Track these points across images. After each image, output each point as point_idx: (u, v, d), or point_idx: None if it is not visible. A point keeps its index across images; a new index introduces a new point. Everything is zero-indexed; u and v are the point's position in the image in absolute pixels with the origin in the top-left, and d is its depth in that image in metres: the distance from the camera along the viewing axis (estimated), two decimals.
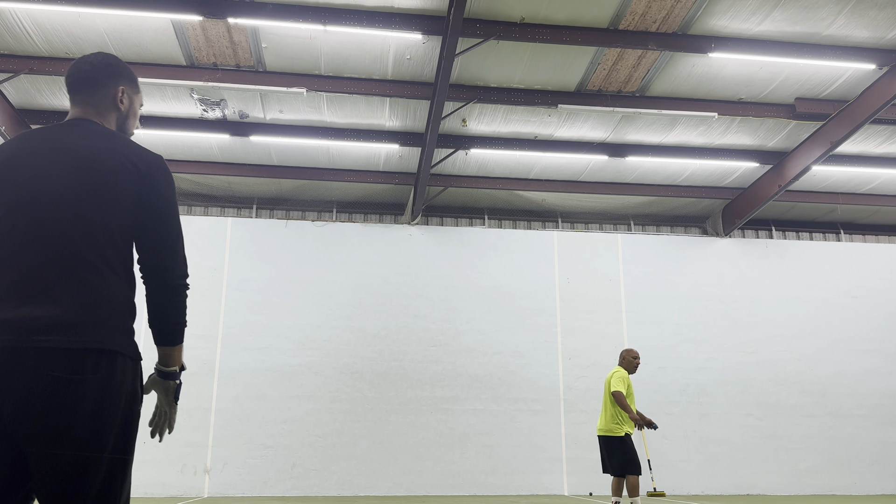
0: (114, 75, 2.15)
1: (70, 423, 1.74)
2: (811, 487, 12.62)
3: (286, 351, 12.13)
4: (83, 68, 2.12)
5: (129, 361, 1.89)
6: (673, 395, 12.76)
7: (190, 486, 11.34)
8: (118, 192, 1.92)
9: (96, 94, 2.12)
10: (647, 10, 8.65)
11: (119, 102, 2.15)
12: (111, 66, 2.15)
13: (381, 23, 8.60)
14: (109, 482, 1.81)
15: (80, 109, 2.11)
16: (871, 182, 13.03)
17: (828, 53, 9.29)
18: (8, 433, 1.74)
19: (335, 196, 13.20)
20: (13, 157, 1.96)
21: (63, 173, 1.91)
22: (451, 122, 10.98)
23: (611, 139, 11.59)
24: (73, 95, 2.12)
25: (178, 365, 2.10)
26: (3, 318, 1.76)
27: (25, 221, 1.86)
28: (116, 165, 1.94)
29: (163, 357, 2.08)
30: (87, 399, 1.76)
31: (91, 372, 1.78)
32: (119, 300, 1.90)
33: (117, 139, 2.03)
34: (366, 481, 11.71)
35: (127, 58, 9.48)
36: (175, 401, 2.12)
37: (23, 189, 1.90)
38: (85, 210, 1.88)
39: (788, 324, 13.44)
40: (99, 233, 1.88)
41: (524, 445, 12.13)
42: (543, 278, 13.09)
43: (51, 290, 1.80)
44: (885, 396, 13.29)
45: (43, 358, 1.74)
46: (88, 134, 2.01)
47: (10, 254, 1.83)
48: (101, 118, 2.12)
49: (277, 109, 10.71)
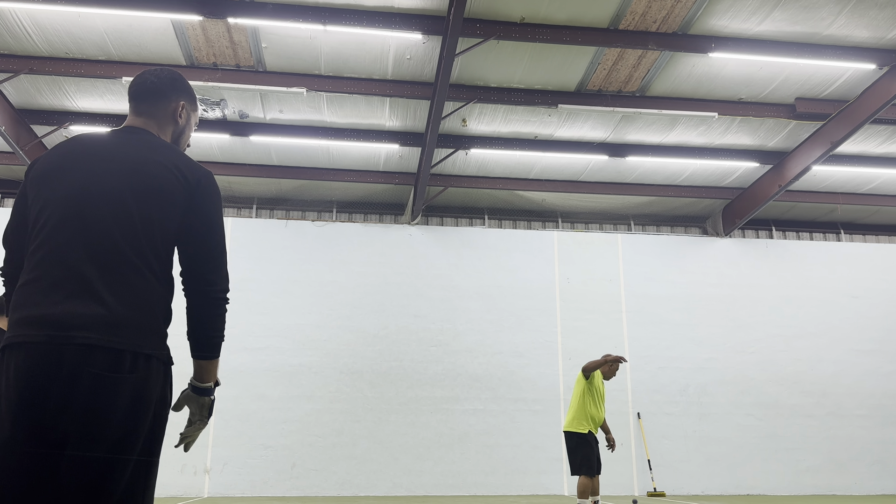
0: (177, 90, 2.22)
1: (104, 421, 1.77)
2: (811, 487, 12.62)
3: (286, 351, 12.13)
4: (150, 80, 2.19)
5: (163, 366, 1.92)
6: (673, 395, 12.75)
7: (190, 486, 11.34)
8: (167, 200, 1.96)
9: (157, 105, 2.18)
10: (648, 9, 8.65)
11: (178, 116, 2.22)
12: (175, 80, 2.22)
13: (381, 23, 8.60)
14: (134, 483, 1.84)
15: (140, 119, 2.17)
16: (871, 182, 13.03)
17: (828, 53, 9.29)
18: (44, 427, 1.75)
19: (335, 196, 13.20)
20: (67, 156, 2.00)
21: (113, 177, 1.95)
22: (451, 122, 10.98)
23: (611, 139, 11.59)
24: (135, 104, 2.18)
25: (214, 380, 2.11)
26: (46, 314, 1.79)
27: (73, 219, 1.90)
28: (168, 175, 1.99)
29: (198, 372, 2.08)
30: (122, 397, 1.79)
31: (128, 372, 1.81)
32: (158, 304, 1.93)
33: (171, 150, 2.08)
34: (366, 481, 11.71)
35: (127, 58, 9.49)
36: (209, 416, 2.13)
37: (73, 188, 1.94)
38: (132, 213, 1.92)
39: (788, 324, 13.44)
40: (143, 237, 1.91)
41: (524, 445, 12.13)
42: (543, 278, 13.09)
43: (93, 289, 1.83)
44: (885, 396, 13.29)
45: (83, 354, 1.76)
46: (143, 143, 2.06)
47: (55, 250, 1.87)
48: (159, 129, 2.18)
49: (277, 109, 10.71)
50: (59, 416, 1.74)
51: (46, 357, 1.75)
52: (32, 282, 1.85)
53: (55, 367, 1.75)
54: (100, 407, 1.76)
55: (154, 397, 1.87)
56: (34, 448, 1.75)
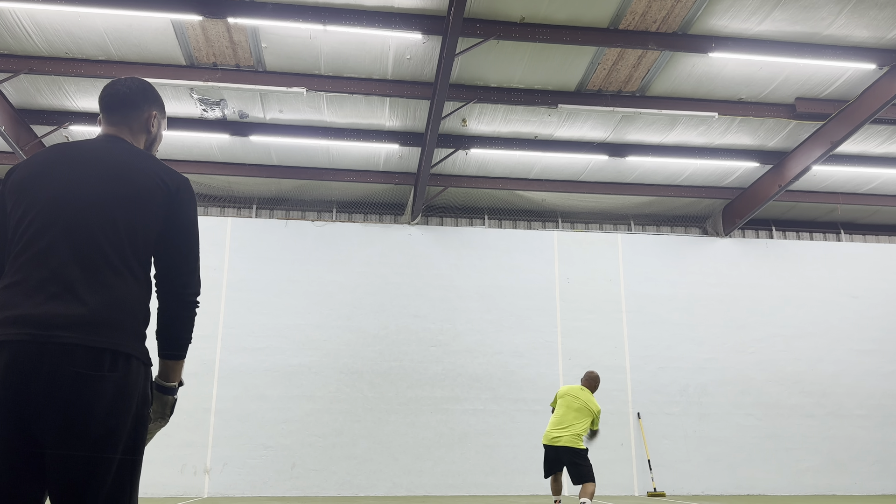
0: (148, 100, 2.28)
1: (86, 419, 1.80)
2: (811, 487, 12.62)
3: (286, 351, 12.13)
4: (121, 90, 2.24)
5: (143, 366, 1.96)
6: (673, 395, 12.75)
7: (190, 486, 11.34)
8: (148, 206, 2.03)
9: (130, 115, 2.24)
10: (648, 9, 8.65)
11: (150, 125, 2.29)
12: (146, 90, 2.29)
13: (381, 23, 8.60)
14: (120, 481, 1.87)
15: (114, 129, 2.22)
16: (871, 182, 13.03)
17: (828, 53, 9.29)
18: (27, 426, 1.78)
19: (335, 196, 13.20)
20: (47, 163, 2.05)
21: (97, 182, 2.01)
22: (451, 122, 10.98)
23: (611, 139, 11.59)
24: (108, 115, 2.23)
25: (178, 380, 2.18)
26: (28, 314, 1.83)
27: (57, 223, 1.95)
28: (148, 181, 2.06)
29: (164, 371, 2.15)
30: (104, 396, 1.83)
31: (109, 370, 1.85)
32: (137, 306, 1.98)
33: (149, 157, 2.15)
34: (366, 481, 11.71)
35: (127, 58, 9.49)
36: (170, 415, 2.20)
37: (57, 192, 1.99)
38: (115, 217, 1.98)
39: (788, 324, 13.44)
40: (126, 241, 1.98)
41: (524, 445, 12.12)
42: (543, 278, 13.09)
43: (75, 290, 1.88)
44: (885, 396, 13.29)
45: (64, 353, 1.80)
46: (123, 150, 2.13)
47: (39, 253, 1.92)
48: (133, 138, 2.24)
49: (277, 109, 10.71)
50: (42, 414, 1.77)
51: (28, 355, 1.79)
52: (16, 284, 1.89)
53: (37, 366, 1.78)
54: (81, 405, 1.79)
55: (135, 395, 1.91)
56: (18, 446, 1.78)
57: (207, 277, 12.24)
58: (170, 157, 11.88)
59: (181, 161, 11.97)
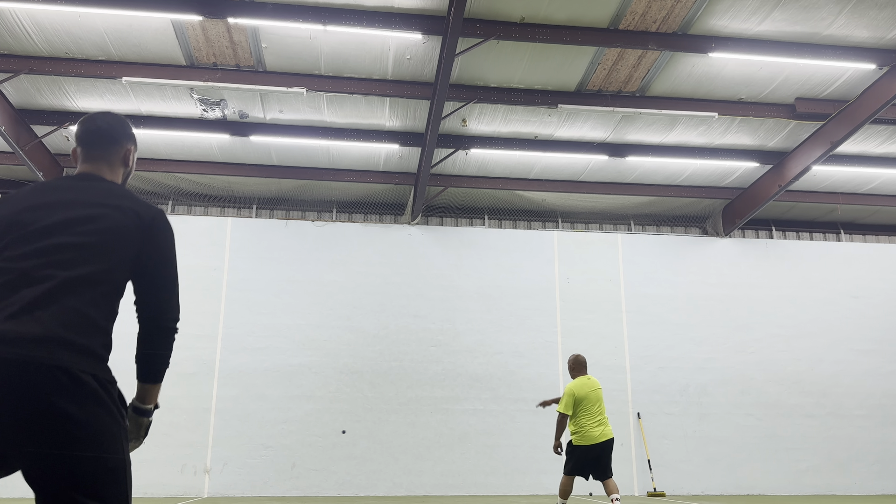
0: (126, 135, 2.33)
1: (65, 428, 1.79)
2: (811, 487, 12.62)
3: (286, 351, 12.13)
4: (102, 126, 2.28)
5: (108, 383, 1.96)
6: (673, 395, 12.76)
7: (190, 486, 11.34)
8: (122, 239, 2.08)
9: (111, 150, 2.28)
10: (647, 10, 8.65)
11: (128, 160, 2.35)
12: (124, 124, 2.33)
13: (381, 23, 8.60)
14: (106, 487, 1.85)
15: (93, 165, 2.26)
16: (871, 182, 13.03)
17: (828, 53, 9.29)
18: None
19: (335, 196, 13.20)
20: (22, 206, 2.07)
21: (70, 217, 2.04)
22: (451, 122, 10.98)
23: (611, 139, 11.60)
24: (88, 150, 2.26)
25: (154, 403, 2.23)
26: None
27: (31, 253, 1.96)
28: (123, 218, 2.11)
29: (141, 394, 2.20)
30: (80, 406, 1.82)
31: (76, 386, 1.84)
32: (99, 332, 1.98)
33: (124, 193, 2.19)
34: (366, 481, 11.71)
35: (127, 58, 9.49)
36: (145, 437, 2.26)
37: (31, 227, 2.01)
38: (87, 244, 2.01)
39: (788, 324, 13.44)
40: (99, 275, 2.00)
41: (524, 445, 12.13)
42: (543, 278, 13.09)
43: (35, 311, 1.87)
44: (885, 396, 13.29)
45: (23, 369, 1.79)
46: (98, 190, 2.16)
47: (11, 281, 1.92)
48: (112, 173, 2.29)
49: (277, 109, 10.71)
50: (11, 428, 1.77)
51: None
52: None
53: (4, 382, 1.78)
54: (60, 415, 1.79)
55: (107, 409, 1.90)
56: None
57: (207, 277, 12.26)
58: (170, 157, 11.88)
59: (181, 161, 11.98)
